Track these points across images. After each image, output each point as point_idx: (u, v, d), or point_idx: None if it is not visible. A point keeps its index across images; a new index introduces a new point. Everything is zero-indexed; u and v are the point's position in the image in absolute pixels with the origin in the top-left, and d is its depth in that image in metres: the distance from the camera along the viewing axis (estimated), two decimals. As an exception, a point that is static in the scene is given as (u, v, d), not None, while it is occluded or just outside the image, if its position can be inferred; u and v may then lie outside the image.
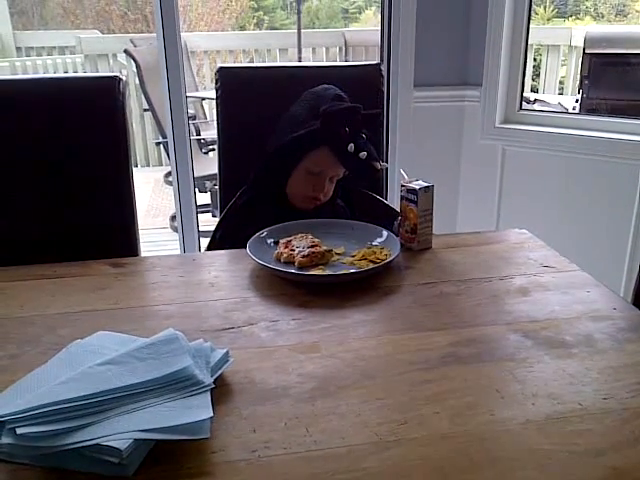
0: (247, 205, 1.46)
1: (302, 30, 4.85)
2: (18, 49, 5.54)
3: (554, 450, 0.73)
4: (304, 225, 1.33)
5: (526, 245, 1.34)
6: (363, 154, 1.34)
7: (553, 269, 1.22)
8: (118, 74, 1.44)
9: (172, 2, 2.14)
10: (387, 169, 1.41)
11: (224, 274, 1.23)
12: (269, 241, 1.29)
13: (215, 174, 1.68)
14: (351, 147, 1.33)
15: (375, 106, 1.62)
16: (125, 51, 3.82)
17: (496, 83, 2.45)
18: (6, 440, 0.68)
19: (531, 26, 2.46)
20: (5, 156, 1.39)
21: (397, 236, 1.30)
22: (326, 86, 1.45)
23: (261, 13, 7.39)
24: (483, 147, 2.54)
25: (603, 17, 5.64)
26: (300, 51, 4.85)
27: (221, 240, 1.46)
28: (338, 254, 1.24)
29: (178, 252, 2.60)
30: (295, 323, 1.02)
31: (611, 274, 2.30)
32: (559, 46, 4.55)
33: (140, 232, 1.51)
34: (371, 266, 1.17)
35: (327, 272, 1.17)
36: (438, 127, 2.55)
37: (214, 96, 1.63)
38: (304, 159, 1.40)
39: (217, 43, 5.39)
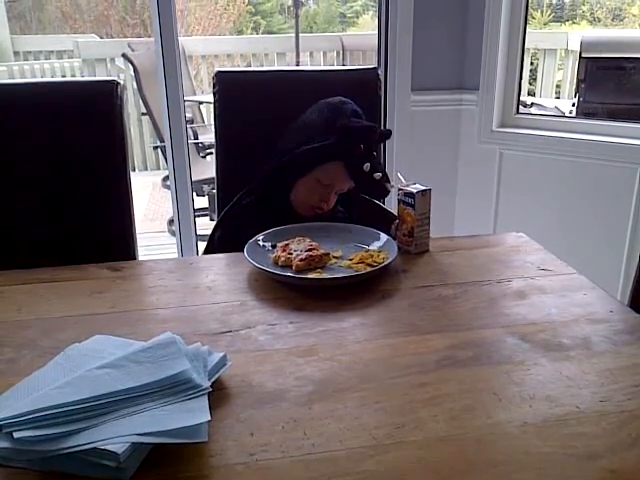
0: (249, 207, 1.46)
1: (300, 34, 4.86)
2: (16, 53, 5.56)
3: (551, 453, 0.73)
4: (302, 229, 1.33)
5: (523, 248, 1.35)
6: (378, 175, 1.36)
7: (550, 272, 1.22)
8: (116, 78, 1.44)
9: (170, 7, 2.15)
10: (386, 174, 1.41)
11: (222, 278, 1.23)
12: (267, 244, 1.29)
13: (213, 178, 1.68)
14: (367, 167, 1.35)
15: (373, 110, 1.62)
16: (123, 55, 3.83)
17: (493, 87, 2.45)
18: (3, 444, 0.68)
19: (528, 30, 2.47)
20: (3, 160, 1.39)
21: (394, 239, 1.30)
22: (343, 99, 1.45)
23: (259, 17, 7.41)
24: (480, 150, 2.54)
25: (599, 21, 5.67)
26: (298, 55, 4.86)
27: (220, 241, 1.46)
28: (335, 257, 1.24)
29: (176, 256, 2.59)
30: (293, 326, 1.02)
31: (608, 277, 2.31)
32: (556, 50, 4.56)
33: (138, 236, 1.51)
34: (368, 269, 1.18)
35: (324, 275, 1.17)
36: (435, 131, 2.56)
37: (212, 100, 1.63)
38: (316, 169, 1.40)
39: (215, 47, 5.40)
